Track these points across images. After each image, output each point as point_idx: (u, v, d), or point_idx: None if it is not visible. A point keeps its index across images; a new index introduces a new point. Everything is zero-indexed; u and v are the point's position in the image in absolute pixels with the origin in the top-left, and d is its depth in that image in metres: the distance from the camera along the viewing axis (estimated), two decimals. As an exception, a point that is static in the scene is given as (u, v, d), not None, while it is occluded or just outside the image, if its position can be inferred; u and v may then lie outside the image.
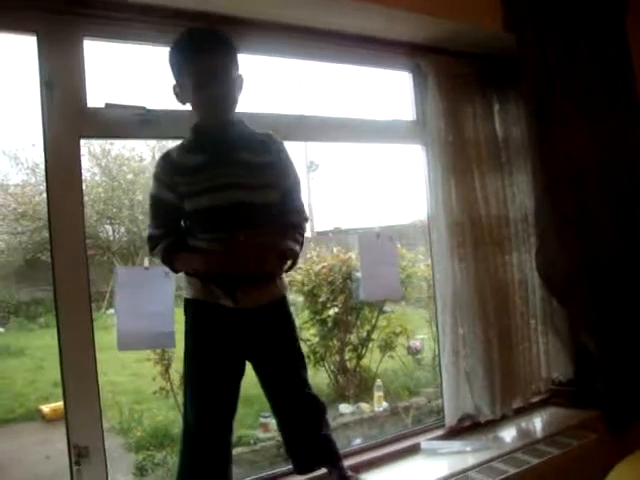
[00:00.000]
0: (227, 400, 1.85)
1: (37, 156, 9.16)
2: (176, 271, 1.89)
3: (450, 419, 2.73)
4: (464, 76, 2.79)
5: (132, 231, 8.74)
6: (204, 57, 1.76)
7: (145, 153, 8.63)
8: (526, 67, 2.70)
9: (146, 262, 1.97)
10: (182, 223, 1.87)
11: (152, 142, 8.06)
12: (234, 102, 1.86)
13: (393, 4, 2.31)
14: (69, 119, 1.98)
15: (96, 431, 2.00)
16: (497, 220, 2.84)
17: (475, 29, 2.60)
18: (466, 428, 2.75)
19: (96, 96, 2.04)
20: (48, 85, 1.94)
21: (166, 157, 1.84)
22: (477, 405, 2.75)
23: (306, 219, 2.00)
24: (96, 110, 2.04)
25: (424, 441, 2.61)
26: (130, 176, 8.57)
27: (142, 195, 8.73)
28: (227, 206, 1.76)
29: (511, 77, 2.86)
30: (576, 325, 2.90)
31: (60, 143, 1.98)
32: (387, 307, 5.07)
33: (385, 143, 2.81)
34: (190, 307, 1.87)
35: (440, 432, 2.73)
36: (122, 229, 8.84)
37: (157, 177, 1.84)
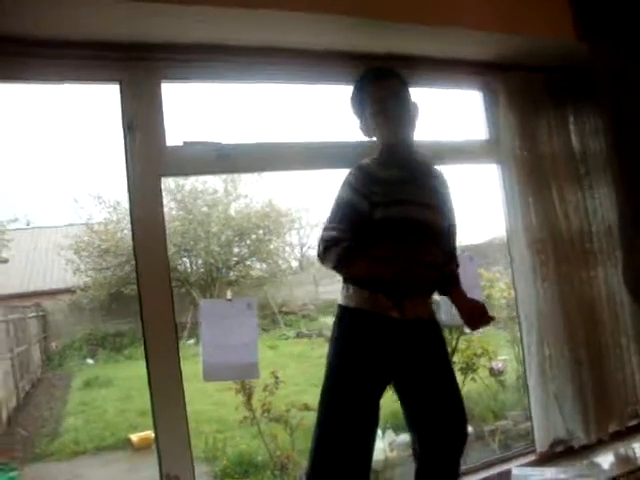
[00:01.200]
0: (375, 418, 1.85)
1: (118, 195, 9.66)
2: (350, 275, 1.92)
3: (541, 444, 2.62)
4: (536, 90, 2.74)
5: (208, 262, 8.99)
6: (387, 83, 2.00)
7: (218, 185, 8.94)
8: (601, 77, 2.60)
9: (229, 294, 2.01)
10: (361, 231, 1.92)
11: (224, 175, 8.33)
12: (414, 124, 2.04)
13: (462, 24, 2.31)
14: (150, 159, 2.07)
15: (186, 460, 2.05)
16: (579, 235, 2.75)
17: (545, 42, 2.55)
18: (559, 454, 2.64)
19: (175, 135, 2.14)
20: (130, 128, 2.05)
21: (362, 168, 1.96)
22: (569, 429, 2.63)
23: (457, 265, 2.14)
24: (175, 148, 2.13)
25: (515, 467, 2.52)
26: (205, 209, 8.85)
27: (217, 227, 9.00)
28: (418, 221, 1.90)
29: (585, 88, 2.77)
30: (672, 341, 2.74)
31: (142, 182, 2.07)
32: (466, 328, 4.95)
33: (459, 164, 2.77)
34: (349, 316, 1.90)
35: (531, 458, 2.64)
36: (199, 261, 9.12)
37: (351, 184, 1.93)
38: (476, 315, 1.98)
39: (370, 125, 2.02)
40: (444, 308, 2.38)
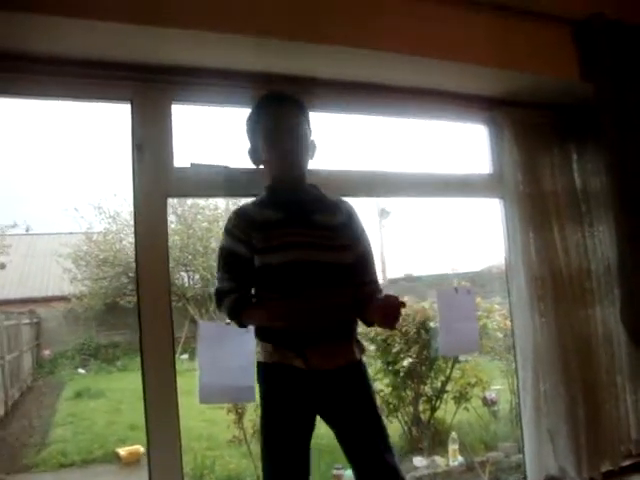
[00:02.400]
0: (302, 458, 1.82)
1: (118, 205, 9.68)
2: (242, 325, 1.91)
3: (533, 479, 2.61)
4: (541, 127, 2.78)
5: (206, 278, 8.97)
6: (278, 114, 1.88)
7: (219, 202, 8.94)
8: (605, 117, 2.64)
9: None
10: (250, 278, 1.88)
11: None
12: (306, 160, 1.92)
13: (469, 60, 2.34)
14: (157, 179, 2.10)
15: (176, 477, 2.05)
16: (578, 272, 2.76)
17: (551, 80, 2.59)
18: (550, 490, 2.62)
19: (182, 156, 2.17)
20: (139, 147, 2.08)
21: (240, 212, 1.90)
22: (561, 466, 2.62)
23: (380, 291, 1.95)
24: (182, 170, 2.15)
25: (506, 503, 2.50)
26: (205, 224, 8.85)
27: (216, 243, 8.99)
28: (298, 264, 1.79)
29: (589, 127, 2.80)
30: (668, 382, 2.75)
31: (148, 201, 2.09)
32: (461, 357, 4.95)
33: (462, 197, 2.80)
34: (262, 370, 1.88)
35: (523, 493, 2.62)
36: (197, 276, 9.10)
37: (230, 231, 1.88)
38: (389, 312, 1.75)
39: (260, 154, 1.92)
40: (441, 339, 2.39)
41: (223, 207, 9.02)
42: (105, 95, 2.11)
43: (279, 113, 1.88)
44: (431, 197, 2.76)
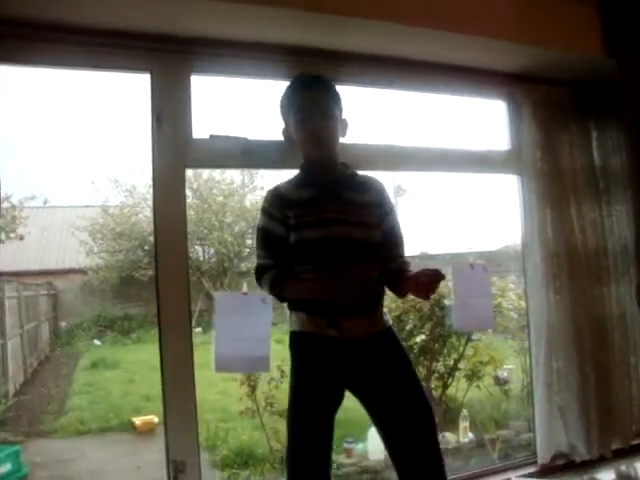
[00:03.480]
0: (326, 429, 1.85)
1: (134, 179, 9.72)
2: (284, 300, 1.95)
3: (543, 456, 2.64)
4: (560, 104, 2.75)
5: (221, 252, 9.01)
6: (309, 95, 1.92)
7: (235, 176, 8.95)
8: (628, 94, 2.61)
9: (245, 287, 2.03)
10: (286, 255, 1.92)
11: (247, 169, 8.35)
12: (336, 140, 1.96)
13: (490, 35, 2.32)
14: (176, 150, 2.11)
15: (193, 447, 2.09)
16: (595, 251, 2.75)
17: (573, 56, 2.56)
18: (560, 467, 2.64)
19: (201, 127, 2.18)
20: (158, 118, 2.09)
21: (275, 192, 1.95)
22: (572, 443, 2.64)
23: (409, 264, 2.01)
24: (201, 141, 2.16)
25: (515, 477, 2.53)
26: (220, 199, 8.86)
27: (231, 217, 9.01)
28: (332, 239, 1.84)
29: (610, 104, 2.78)
30: (681, 363, 2.74)
31: (167, 172, 2.11)
32: (474, 335, 4.95)
33: (479, 173, 2.79)
34: (296, 339, 1.93)
35: (532, 469, 2.65)
36: (211, 250, 9.14)
37: (266, 211, 1.94)
38: (421, 283, 1.81)
39: (293, 135, 1.97)
40: (455, 314, 2.39)
41: (239, 181, 9.05)
42: (125, 65, 2.12)
43: (310, 94, 1.93)
44: (449, 172, 2.76)
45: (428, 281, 1.79)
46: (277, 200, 1.93)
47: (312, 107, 1.90)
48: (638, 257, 2.75)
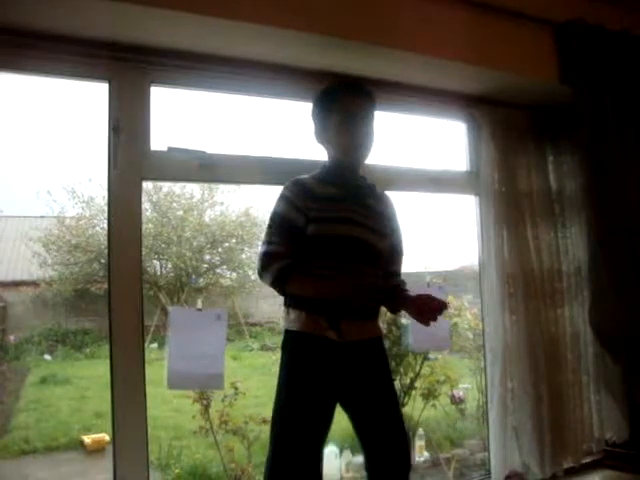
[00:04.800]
0: (321, 440, 1.83)
1: (92, 190, 9.53)
2: (286, 293, 1.90)
3: (496, 475, 2.65)
4: (518, 127, 2.81)
5: (179, 267, 8.89)
6: (359, 102, 1.96)
7: (195, 191, 8.88)
8: (582, 119, 2.68)
9: (199, 303, 2.00)
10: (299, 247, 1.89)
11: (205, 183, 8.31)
12: (371, 148, 2.00)
13: (448, 56, 2.36)
14: (133, 162, 2.07)
15: (142, 466, 2.03)
16: (549, 273, 2.80)
17: (530, 81, 2.62)
18: (513, 486, 2.66)
19: (159, 139, 2.14)
20: (115, 128, 2.04)
21: (298, 182, 1.93)
22: (525, 462, 2.67)
23: (405, 284, 2.10)
24: (159, 153, 2.12)
25: (470, 497, 2.53)
26: (180, 213, 8.77)
27: (190, 232, 8.92)
28: (351, 239, 1.87)
29: (566, 129, 2.85)
30: (632, 383, 2.79)
31: (123, 184, 2.06)
32: (431, 354, 4.98)
33: (437, 193, 2.82)
34: (292, 339, 1.88)
35: (486, 489, 2.65)
36: (169, 265, 9.01)
37: (287, 198, 1.90)
38: (426, 308, 1.89)
39: (329, 134, 1.98)
40: (412, 334, 2.40)
41: (198, 196, 8.97)
42: (83, 73, 2.07)
43: (360, 101, 1.96)
44: (407, 191, 2.76)
45: (434, 310, 1.86)
46: (301, 191, 1.90)
47: (361, 112, 1.94)
48: (591, 279, 2.81)
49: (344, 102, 1.95)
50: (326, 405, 1.84)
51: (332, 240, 1.86)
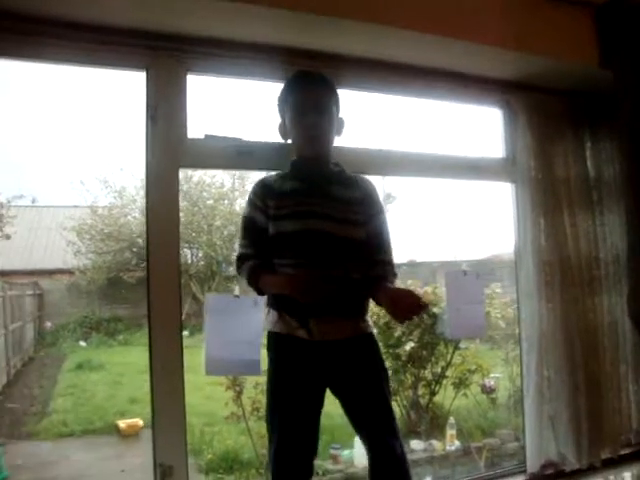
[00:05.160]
0: (308, 429, 1.84)
1: (125, 180, 9.69)
2: (260, 292, 1.92)
3: (532, 465, 2.62)
4: (555, 113, 2.75)
5: (209, 255, 8.99)
6: (305, 90, 1.91)
7: (226, 180, 8.94)
8: (623, 105, 2.61)
9: (236, 290, 2.01)
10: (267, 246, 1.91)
11: (232, 170, 8.36)
12: (330, 136, 1.94)
13: (487, 42, 2.32)
14: (170, 149, 2.08)
15: (181, 451, 2.06)
16: (587, 260, 2.75)
17: (569, 66, 2.56)
18: (549, 476, 2.63)
19: (196, 127, 2.15)
20: (153, 117, 2.06)
21: (261, 182, 1.95)
22: (562, 452, 2.63)
23: (394, 274, 1.96)
24: (196, 141, 2.13)
25: (504, 486, 2.52)
26: (210, 202, 8.85)
27: (220, 221, 8.99)
28: (310, 232, 1.82)
29: (605, 114, 2.79)
30: (671, 374, 2.74)
31: (161, 171, 2.08)
32: (462, 343, 4.96)
33: (473, 180, 2.78)
34: (271, 339, 1.91)
35: (521, 478, 2.64)
36: (200, 253, 9.12)
37: (250, 200, 1.94)
38: (401, 304, 1.77)
39: (288, 129, 1.96)
40: (449, 322, 2.38)
41: (229, 185, 9.04)
42: (121, 62, 2.09)
43: (306, 89, 1.92)
44: (442, 178, 2.75)
45: (406, 308, 1.77)
46: (261, 190, 1.92)
47: (308, 102, 1.89)
48: (629, 267, 2.75)
49: (293, 94, 1.92)
50: (309, 396, 1.85)
51: (289, 236, 1.83)
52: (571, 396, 2.61)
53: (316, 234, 1.82)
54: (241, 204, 9.18)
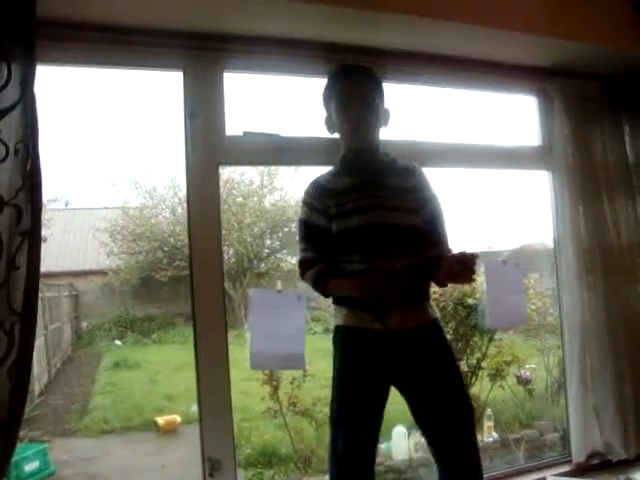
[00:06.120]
0: (373, 425, 1.85)
1: (155, 180, 9.79)
2: (327, 296, 1.93)
3: (578, 455, 2.60)
4: (592, 98, 2.71)
5: (240, 252, 9.04)
6: (350, 82, 1.92)
7: (255, 177, 8.98)
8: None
9: (279, 285, 2.03)
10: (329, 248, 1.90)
11: (261, 167, 8.40)
12: (376, 128, 1.94)
13: (522, 29, 2.29)
14: (210, 147, 2.11)
15: (228, 445, 2.09)
16: (629, 247, 2.71)
17: (605, 50, 2.51)
18: (595, 466, 2.61)
19: (233, 124, 2.17)
20: (192, 116, 2.09)
21: (315, 184, 1.94)
22: (607, 442, 2.59)
23: (450, 252, 1.95)
24: (234, 138, 2.16)
25: (550, 476, 2.50)
26: (240, 199, 8.90)
27: (250, 218, 9.03)
28: (374, 225, 1.83)
29: (644, 98, 2.74)
30: None
31: (201, 169, 2.11)
32: (497, 335, 4.92)
33: (509, 169, 2.77)
34: (339, 333, 1.91)
35: (566, 468, 2.61)
36: (231, 251, 9.17)
37: (307, 203, 1.93)
38: (457, 269, 1.75)
39: (334, 123, 1.97)
40: (489, 311, 2.37)
41: (258, 182, 9.07)
42: (158, 63, 2.13)
43: (351, 81, 1.92)
44: (478, 168, 2.73)
45: (462, 267, 1.74)
46: (317, 191, 1.92)
47: (354, 94, 1.90)
48: (672, 253, 2.71)
49: (338, 87, 1.93)
50: (376, 392, 1.85)
51: (355, 231, 1.83)
52: (616, 385, 2.58)
53: (381, 226, 1.84)
54: (270, 200, 9.23)
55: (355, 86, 1.91)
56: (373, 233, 1.83)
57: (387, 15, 2.05)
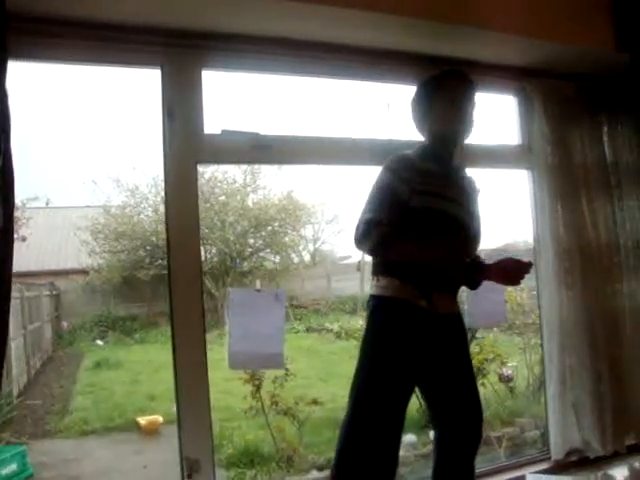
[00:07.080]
0: (406, 402, 1.85)
1: (136, 179, 9.71)
2: (386, 258, 1.91)
3: (556, 452, 2.62)
4: (571, 98, 2.73)
5: (223, 251, 9.02)
6: (462, 87, 2.03)
7: (238, 176, 8.96)
8: (640, 88, 2.59)
9: (258, 284, 2.02)
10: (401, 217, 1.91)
11: (244, 166, 8.38)
12: (470, 133, 2.06)
13: (501, 29, 2.30)
14: (187, 145, 2.09)
15: (207, 445, 2.08)
16: (607, 247, 2.74)
17: (585, 50, 2.54)
18: (573, 463, 2.63)
19: (212, 123, 2.16)
20: (170, 114, 2.07)
21: (403, 156, 1.98)
22: (586, 439, 2.62)
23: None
24: (213, 136, 2.14)
25: (530, 474, 2.52)
26: (222, 198, 8.88)
27: (233, 217, 9.02)
28: (451, 216, 1.91)
29: (622, 98, 2.76)
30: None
31: (179, 168, 2.09)
32: (479, 333, 4.94)
33: (489, 168, 2.77)
34: (380, 304, 1.91)
35: (545, 465, 2.63)
36: (213, 250, 9.14)
37: (394, 170, 1.92)
38: (511, 271, 1.93)
39: (431, 120, 2.03)
40: (468, 311, 2.39)
41: (241, 181, 9.05)
42: (135, 60, 2.11)
43: (463, 88, 2.02)
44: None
45: (517, 271, 1.91)
46: (405, 163, 1.94)
47: (464, 101, 2.00)
48: (650, 252, 2.74)
49: (448, 89, 2.01)
50: (411, 375, 1.87)
51: (435, 214, 1.89)
52: (594, 383, 2.61)
53: (453, 217, 1.91)
54: (253, 199, 9.21)
55: (465, 92, 2.02)
56: (450, 221, 1.90)
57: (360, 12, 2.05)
